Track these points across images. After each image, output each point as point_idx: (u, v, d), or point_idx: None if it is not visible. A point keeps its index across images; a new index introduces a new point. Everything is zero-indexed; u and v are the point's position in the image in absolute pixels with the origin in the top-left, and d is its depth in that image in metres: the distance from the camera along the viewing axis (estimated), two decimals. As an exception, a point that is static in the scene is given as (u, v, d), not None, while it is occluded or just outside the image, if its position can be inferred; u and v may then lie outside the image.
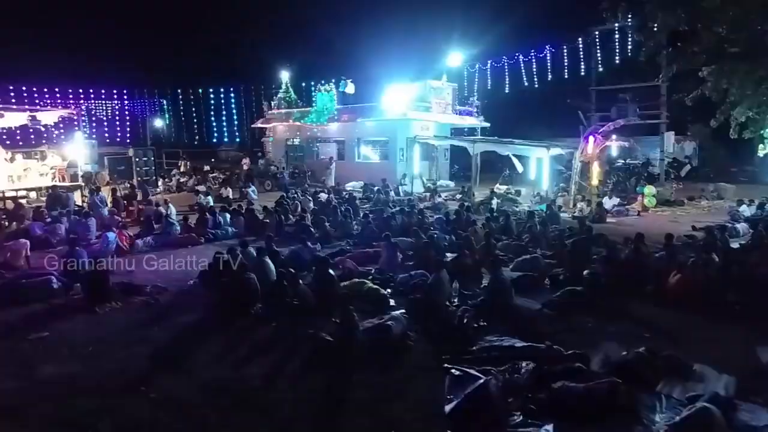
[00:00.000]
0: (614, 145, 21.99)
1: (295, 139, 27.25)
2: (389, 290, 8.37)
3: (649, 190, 18.55)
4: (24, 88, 25.87)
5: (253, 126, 29.77)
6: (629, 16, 13.26)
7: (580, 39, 21.97)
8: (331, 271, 7.86)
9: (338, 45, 37.00)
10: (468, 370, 5.15)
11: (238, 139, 31.19)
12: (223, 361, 5.94)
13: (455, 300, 7.91)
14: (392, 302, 7.78)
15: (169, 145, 36.12)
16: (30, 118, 18.17)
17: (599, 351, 5.91)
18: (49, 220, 13.74)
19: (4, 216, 14.20)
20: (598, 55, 22.68)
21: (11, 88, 25.07)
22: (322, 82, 25.68)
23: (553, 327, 6.83)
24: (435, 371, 5.44)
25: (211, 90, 34.20)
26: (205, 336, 6.56)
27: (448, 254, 10.79)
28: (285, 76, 30.43)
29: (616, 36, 17.35)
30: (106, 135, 22.09)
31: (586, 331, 6.74)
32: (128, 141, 28.70)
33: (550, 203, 15.85)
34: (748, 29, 10.99)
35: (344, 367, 5.70)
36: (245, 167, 29.63)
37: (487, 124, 25.49)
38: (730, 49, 11.25)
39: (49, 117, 18.85)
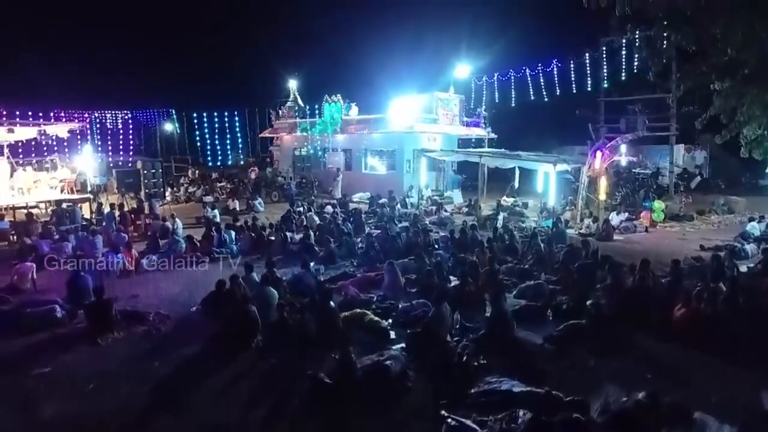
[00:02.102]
0: (623, 159, 21.76)
1: (302, 149, 27.31)
2: (390, 320, 8.37)
3: (658, 205, 18.35)
4: (34, 102, 26.13)
5: (261, 135, 29.87)
6: (637, 32, 13.18)
7: (587, 53, 21.75)
8: (332, 303, 7.82)
9: (346, 56, 37.10)
10: (464, 421, 5.11)
11: (240, 153, 31.33)
12: (223, 401, 5.96)
13: (456, 329, 7.91)
14: (393, 335, 7.76)
15: (179, 150, 36.41)
16: (40, 132, 18.40)
17: (599, 395, 5.84)
18: (57, 237, 13.90)
19: (13, 232, 14.35)
20: (605, 68, 22.46)
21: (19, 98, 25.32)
22: (329, 94, 25.76)
23: (554, 365, 6.76)
24: (432, 419, 5.40)
25: (219, 106, 34.78)
26: (206, 372, 6.58)
27: (452, 277, 10.89)
28: (293, 84, 30.60)
29: (624, 49, 17.16)
30: (110, 146, 22.09)
31: (588, 370, 6.66)
32: (140, 149, 28.90)
33: (557, 220, 15.70)
34: (758, 50, 10.83)
35: (342, 409, 5.69)
36: (253, 176, 29.84)
37: (495, 135, 25.39)
38: (739, 70, 11.10)
39: (58, 130, 19.03)
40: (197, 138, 34.03)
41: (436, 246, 13.65)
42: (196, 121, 35.13)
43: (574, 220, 18.02)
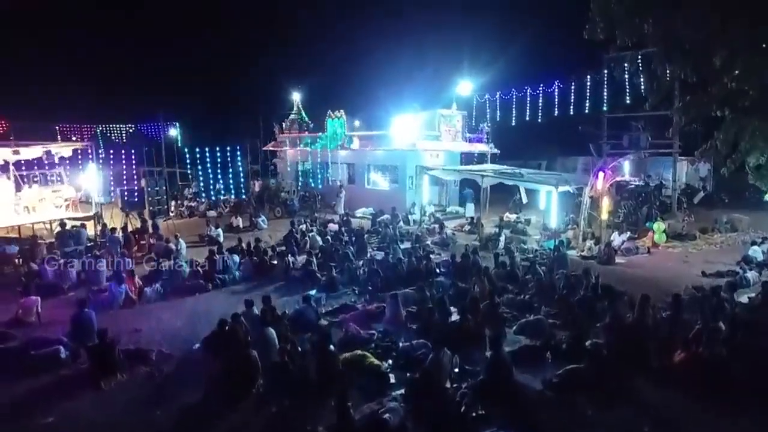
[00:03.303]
0: (626, 178, 21.74)
1: (305, 163, 27.42)
2: (390, 361, 8.44)
3: (659, 226, 18.34)
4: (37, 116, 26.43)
5: (264, 149, 30.03)
6: (639, 58, 13.26)
7: (589, 74, 21.78)
8: (332, 347, 7.89)
9: (349, 72, 37.30)
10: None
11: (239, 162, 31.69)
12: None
13: (455, 372, 7.96)
14: (392, 378, 7.82)
15: (181, 159, 36.66)
16: (45, 153, 18.57)
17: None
18: (61, 261, 14.02)
19: (19, 256, 14.48)
20: (605, 88, 22.47)
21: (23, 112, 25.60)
22: (333, 109, 25.91)
23: (552, 416, 6.80)
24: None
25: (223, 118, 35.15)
26: (206, 421, 6.65)
27: (453, 308, 10.95)
28: (296, 97, 30.76)
29: (627, 70, 17.18)
30: (113, 159, 22.21)
31: (586, 421, 6.70)
32: (143, 159, 29.05)
33: (559, 244, 15.73)
34: (758, 82, 10.85)
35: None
36: (257, 188, 29.99)
37: (497, 151, 25.44)
38: (740, 101, 11.12)
39: (63, 150, 19.18)
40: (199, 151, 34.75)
41: (438, 271, 13.75)
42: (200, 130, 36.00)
43: (576, 240, 18.05)
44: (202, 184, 30.18)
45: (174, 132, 38.37)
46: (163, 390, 7.57)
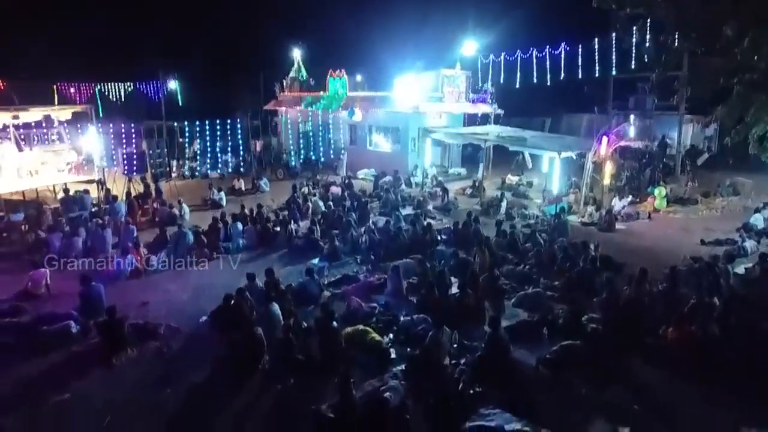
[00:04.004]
0: (631, 143, 21.55)
1: (307, 124, 27.15)
2: (391, 335, 8.70)
3: (660, 191, 18.34)
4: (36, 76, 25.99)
5: (265, 108, 29.61)
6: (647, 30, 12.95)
7: (596, 37, 21.20)
8: (335, 324, 8.11)
9: (351, 32, 36.18)
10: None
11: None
12: (231, 435, 6.35)
13: (455, 348, 8.23)
14: (393, 354, 8.08)
15: (184, 112, 36.24)
16: (45, 116, 18.41)
17: (587, 432, 6.18)
18: (67, 228, 14.18)
19: (25, 224, 14.63)
20: (614, 50, 21.90)
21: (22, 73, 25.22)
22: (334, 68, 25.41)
23: (547, 395, 7.06)
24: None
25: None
26: (215, 403, 6.92)
27: (453, 278, 11.17)
28: (297, 54, 30.08)
29: (635, 35, 16.73)
30: (112, 124, 21.97)
31: (579, 401, 6.96)
32: (144, 113, 28.65)
33: (560, 211, 15.79)
34: (766, 56, 10.64)
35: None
36: (258, 148, 29.80)
37: (501, 111, 25.09)
38: (747, 75, 10.94)
39: (63, 113, 19.02)
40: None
41: (440, 238, 13.89)
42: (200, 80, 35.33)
43: (577, 204, 18.11)
44: (199, 144, 30.05)
45: (173, 84, 37.84)
46: (172, 367, 7.85)
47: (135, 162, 19.03)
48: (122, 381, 7.45)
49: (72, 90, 28.38)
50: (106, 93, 30.48)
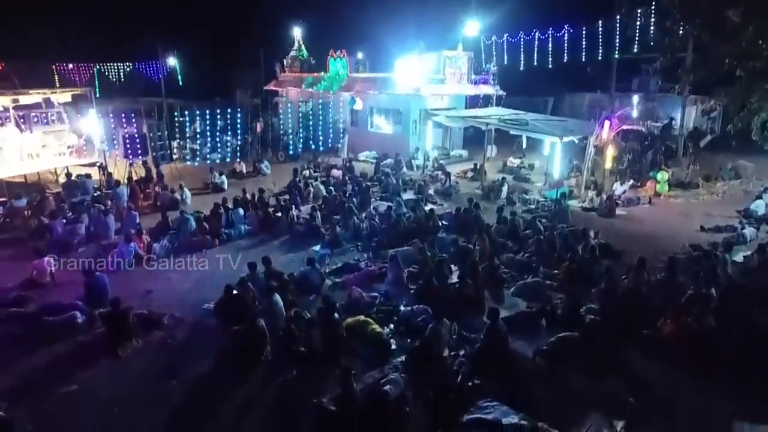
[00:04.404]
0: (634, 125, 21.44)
1: (307, 104, 26.98)
2: (392, 325, 8.84)
3: (662, 176, 18.32)
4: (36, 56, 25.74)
5: (266, 88, 29.39)
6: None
7: (600, 20, 20.89)
8: (336, 315, 8.23)
9: (352, 11, 35.57)
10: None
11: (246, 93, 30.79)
12: (234, 429, 6.50)
13: (454, 339, 8.36)
14: (393, 345, 8.22)
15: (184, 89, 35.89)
16: (45, 99, 18.35)
17: (583, 425, 6.32)
18: (70, 214, 14.26)
19: (28, 209, 14.70)
20: (617, 33, 21.60)
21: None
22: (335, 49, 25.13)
23: (544, 387, 7.21)
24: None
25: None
26: (218, 392, 7.08)
27: (453, 266, 11.29)
28: (297, 33, 29.72)
29: (639, 19, 16.54)
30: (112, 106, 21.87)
31: (576, 393, 7.10)
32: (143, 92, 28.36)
33: (560, 197, 15.83)
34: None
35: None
36: (258, 129, 29.66)
37: (503, 93, 24.88)
38: (751, 63, 10.85)
39: (62, 96, 18.94)
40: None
41: (440, 225, 13.95)
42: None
43: (578, 188, 18.13)
44: (200, 124, 29.86)
45: (172, 61, 37.45)
46: (176, 357, 8.00)
47: (136, 145, 19.03)
48: (128, 372, 7.60)
49: (71, 66, 28.07)
50: (106, 73, 30.23)
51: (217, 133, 24.62)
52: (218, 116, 23.87)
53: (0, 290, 10.07)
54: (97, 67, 29.61)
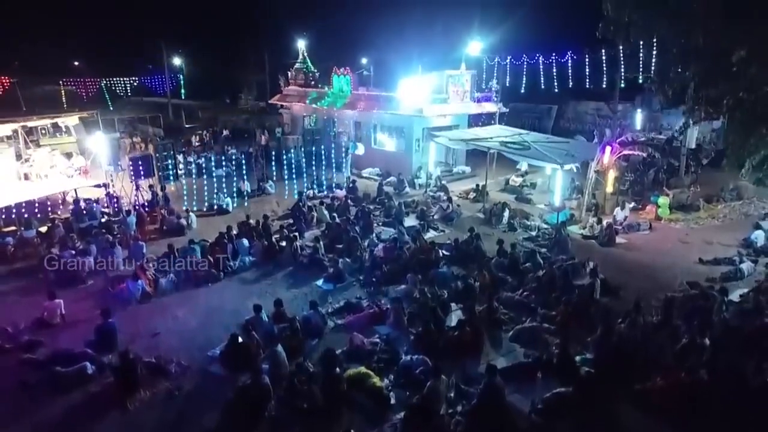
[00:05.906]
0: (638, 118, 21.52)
1: (311, 118, 27.21)
2: (392, 376, 9.08)
3: (663, 201, 18.46)
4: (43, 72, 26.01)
5: (270, 102, 29.62)
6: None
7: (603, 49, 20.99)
8: (337, 370, 8.48)
9: (357, 31, 35.74)
10: None
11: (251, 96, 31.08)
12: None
13: (451, 395, 8.59)
14: (392, 399, 8.47)
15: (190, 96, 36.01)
16: (53, 124, 18.67)
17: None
18: (79, 244, 14.54)
19: (38, 239, 14.99)
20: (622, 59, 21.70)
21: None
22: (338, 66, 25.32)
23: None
24: None
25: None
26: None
27: (453, 305, 11.56)
28: (302, 45, 29.95)
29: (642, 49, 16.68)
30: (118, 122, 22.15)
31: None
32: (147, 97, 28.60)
33: (560, 226, 16.00)
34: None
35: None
36: (263, 141, 29.93)
37: (506, 110, 25.02)
38: (751, 97, 10.98)
39: (69, 120, 19.25)
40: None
41: (442, 255, 14.16)
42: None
43: (579, 210, 18.28)
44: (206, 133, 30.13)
45: (177, 61, 37.56)
46: (183, 410, 8.29)
47: (141, 166, 19.29)
48: (137, 426, 7.90)
49: (78, 87, 28.42)
50: (113, 88, 30.55)
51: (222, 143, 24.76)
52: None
53: (11, 332, 10.37)
54: (104, 82, 29.92)
